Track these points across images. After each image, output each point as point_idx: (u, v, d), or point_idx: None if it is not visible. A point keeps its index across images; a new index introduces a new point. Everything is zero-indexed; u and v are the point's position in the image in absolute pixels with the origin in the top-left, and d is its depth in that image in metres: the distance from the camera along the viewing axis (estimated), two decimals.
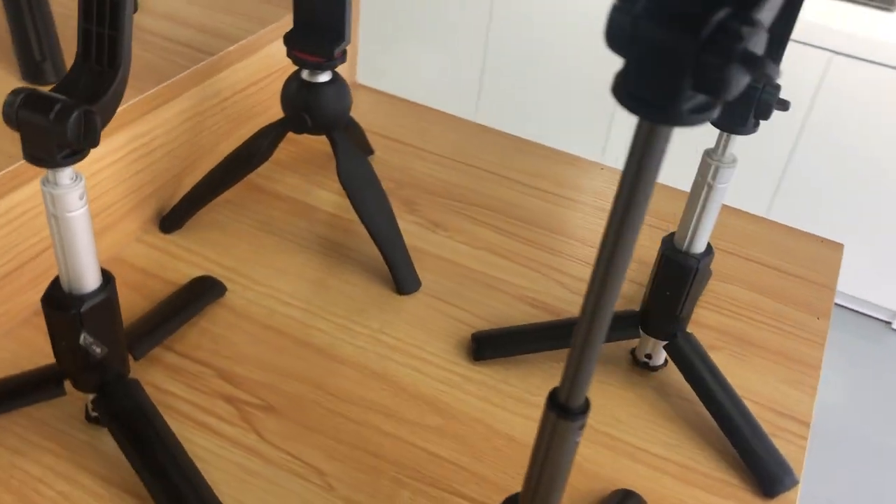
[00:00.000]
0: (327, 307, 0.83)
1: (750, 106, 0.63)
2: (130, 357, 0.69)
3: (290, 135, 0.87)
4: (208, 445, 0.68)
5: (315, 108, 0.82)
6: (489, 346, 0.79)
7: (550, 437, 0.42)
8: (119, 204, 0.84)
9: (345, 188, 0.84)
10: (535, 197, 1.02)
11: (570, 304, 0.87)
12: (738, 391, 0.78)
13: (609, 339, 0.78)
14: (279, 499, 0.65)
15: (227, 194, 0.95)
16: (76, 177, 0.56)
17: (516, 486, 0.68)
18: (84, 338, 0.60)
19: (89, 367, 0.63)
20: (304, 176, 1.00)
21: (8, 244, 0.73)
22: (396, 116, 1.14)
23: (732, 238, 1.00)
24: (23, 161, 0.55)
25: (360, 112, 1.13)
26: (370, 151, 1.05)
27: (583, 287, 0.88)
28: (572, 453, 0.43)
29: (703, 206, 0.70)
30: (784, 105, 0.63)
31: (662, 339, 0.77)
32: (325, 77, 0.82)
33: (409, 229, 0.94)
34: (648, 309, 0.76)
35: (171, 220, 0.89)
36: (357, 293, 0.85)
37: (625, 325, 0.78)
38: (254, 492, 0.65)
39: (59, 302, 0.59)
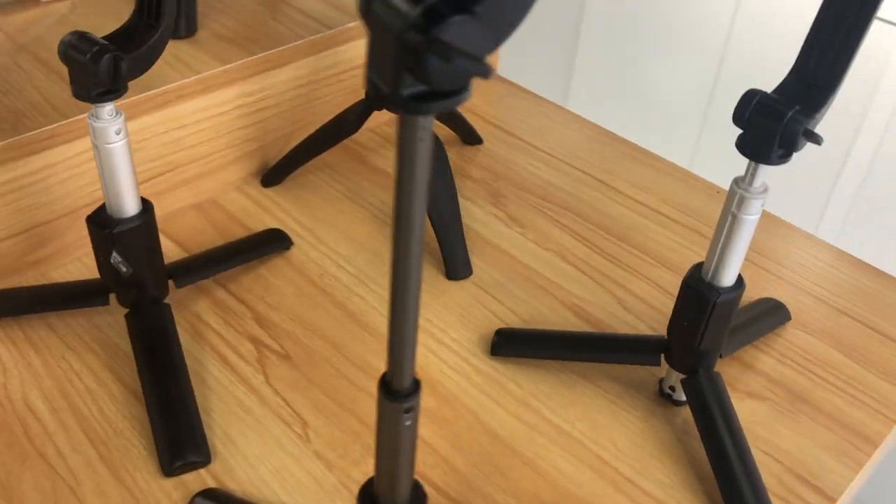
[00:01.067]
0: (375, 277, 0.87)
1: (773, 134, 0.58)
2: (174, 284, 0.78)
3: None
4: (219, 377, 0.75)
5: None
6: (508, 343, 0.79)
7: (381, 419, 0.43)
8: (221, 153, 0.94)
9: None
10: (628, 208, 0.99)
11: (618, 321, 0.84)
12: (765, 447, 0.71)
13: (630, 362, 0.76)
14: (259, 436, 0.71)
15: (331, 160, 1.02)
16: (115, 113, 0.64)
17: (482, 483, 0.68)
18: (114, 256, 0.69)
19: (121, 284, 0.72)
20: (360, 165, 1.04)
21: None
22: (520, 110, 1.15)
23: (821, 280, 0.90)
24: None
25: (487, 101, 1.15)
26: (478, 140, 1.07)
27: (640, 307, 0.85)
28: (405, 437, 0.44)
29: (728, 237, 0.64)
30: (813, 138, 0.57)
31: (682, 372, 0.72)
32: None
33: (485, 220, 0.95)
34: (669, 337, 0.72)
35: (271, 175, 0.97)
36: None
37: (648, 349, 0.75)
38: (239, 426, 0.71)
39: (98, 221, 0.68)
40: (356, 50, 1.01)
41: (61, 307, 0.78)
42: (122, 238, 0.68)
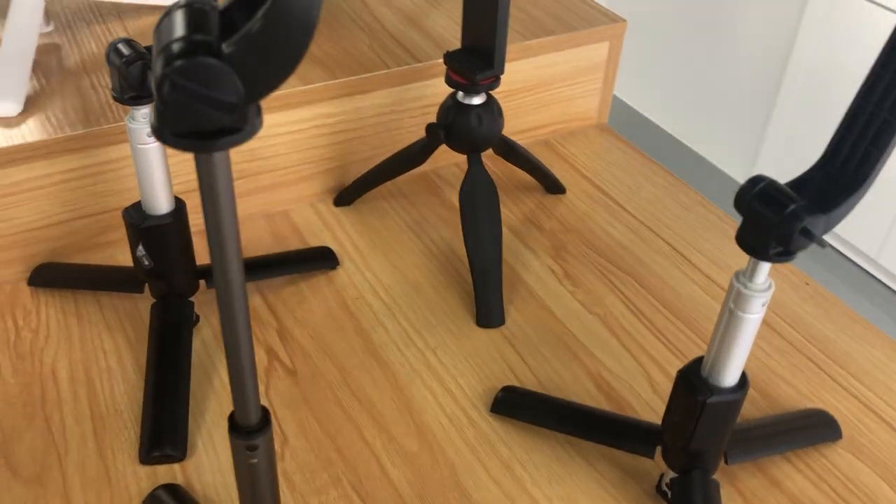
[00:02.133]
0: (405, 310, 0.86)
1: (769, 227, 0.51)
2: (206, 285, 0.82)
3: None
4: (224, 380, 0.78)
5: (454, 126, 0.85)
6: (511, 403, 0.76)
7: (233, 455, 0.43)
8: (296, 168, 0.97)
9: (460, 207, 0.86)
10: (699, 286, 0.91)
11: (642, 404, 0.78)
12: None
13: (622, 448, 0.70)
14: None
15: (406, 189, 1.03)
16: (148, 116, 0.69)
17: None
18: (139, 249, 0.74)
19: (148, 276, 0.76)
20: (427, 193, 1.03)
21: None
22: (619, 166, 1.10)
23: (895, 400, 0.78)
24: None
25: (588, 152, 1.12)
26: (560, 190, 1.04)
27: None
28: (252, 475, 0.43)
29: (726, 334, 0.58)
30: (812, 238, 0.50)
31: (674, 471, 0.66)
32: (473, 100, 0.85)
33: (538, 272, 0.92)
34: (662, 429, 0.66)
35: (343, 196, 1.00)
36: (440, 308, 0.87)
37: (642, 438, 0.68)
38: (224, 430, 0.73)
39: (130, 216, 0.73)
40: (443, 86, 1.02)
41: (104, 288, 0.84)
42: (149, 234, 0.73)
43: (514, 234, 0.98)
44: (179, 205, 0.75)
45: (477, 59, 0.83)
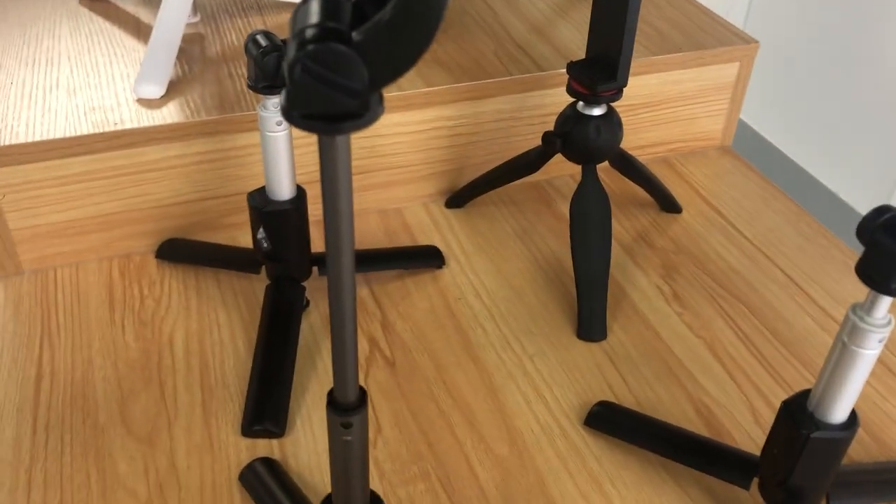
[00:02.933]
0: (506, 315, 0.87)
1: (892, 262, 0.49)
2: (318, 271, 0.85)
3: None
4: (327, 363, 0.81)
5: (571, 135, 0.85)
6: (606, 417, 0.75)
7: (328, 430, 0.44)
8: (414, 168, 0.99)
9: (570, 217, 0.85)
10: (813, 319, 0.88)
11: (743, 434, 0.75)
12: None
13: (715, 475, 0.68)
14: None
15: (518, 196, 1.03)
16: (279, 105, 0.72)
17: None
18: (260, 232, 0.78)
19: (265, 258, 0.80)
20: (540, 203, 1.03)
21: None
22: (739, 189, 1.07)
23: None
24: None
25: (708, 173, 1.09)
26: (676, 209, 1.02)
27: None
28: (345, 452, 0.44)
29: (837, 368, 0.55)
30: None
31: None
32: (593, 111, 0.84)
33: (646, 290, 0.91)
34: (761, 461, 0.63)
35: (455, 198, 1.01)
36: (541, 317, 0.87)
37: (738, 467, 0.66)
38: (323, 412, 0.76)
39: (254, 199, 0.77)
40: (564, 96, 1.02)
41: (223, 266, 0.88)
42: (269, 218, 0.76)
43: (625, 250, 0.97)
44: (300, 192, 0.78)
45: (600, 69, 0.83)
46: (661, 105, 1.07)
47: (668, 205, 1.02)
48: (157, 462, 0.71)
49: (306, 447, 0.73)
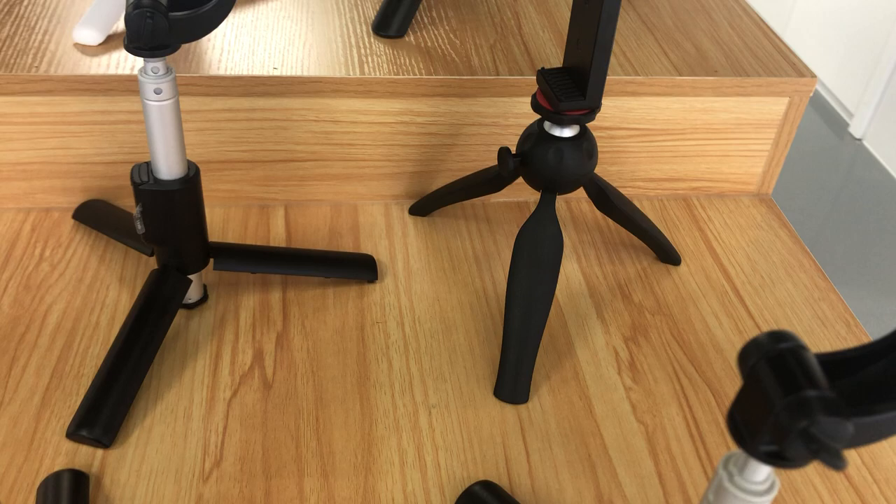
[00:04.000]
0: (422, 352, 0.74)
1: (763, 415, 0.34)
2: (214, 265, 0.74)
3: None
4: (196, 372, 0.71)
5: (528, 156, 0.71)
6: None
7: None
8: (373, 162, 0.87)
9: (513, 251, 0.72)
10: None
11: None
12: None
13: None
14: (169, 452, 0.65)
15: (493, 213, 0.90)
16: (162, 71, 0.62)
17: None
18: (136, 211, 0.68)
19: (146, 241, 0.70)
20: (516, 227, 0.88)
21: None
22: (762, 248, 0.89)
23: None
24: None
25: (731, 223, 0.92)
26: (673, 260, 0.85)
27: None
28: None
29: None
30: (818, 448, 0.32)
31: None
32: (559, 131, 0.70)
33: (599, 352, 0.76)
34: None
35: (418, 206, 0.89)
36: (463, 362, 0.73)
37: None
38: (166, 430, 0.66)
39: (136, 173, 0.67)
40: None
41: (121, 240, 0.80)
42: (143, 196, 0.67)
43: (593, 297, 0.82)
44: (193, 172, 0.68)
45: (571, 84, 0.68)
46: (684, 134, 0.91)
47: (663, 253, 0.86)
48: None
49: (130, 467, 0.63)
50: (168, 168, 0.67)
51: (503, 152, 0.73)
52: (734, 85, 0.88)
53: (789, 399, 0.34)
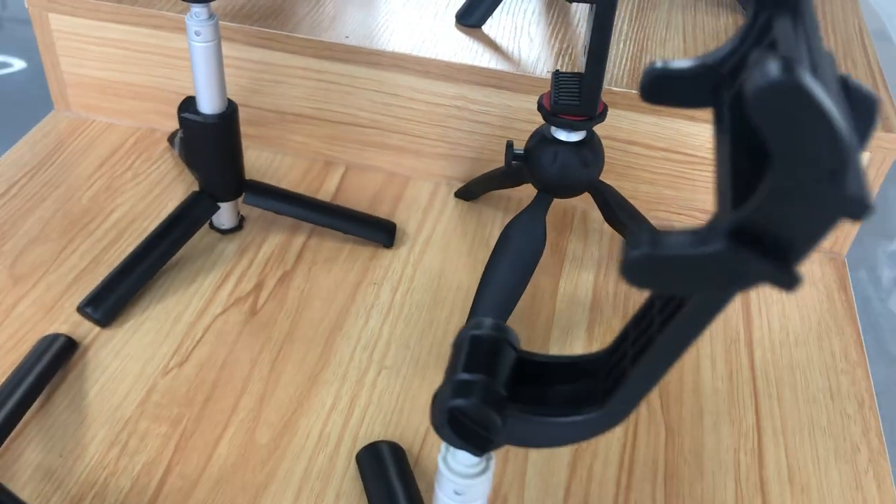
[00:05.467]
0: (400, 320, 0.78)
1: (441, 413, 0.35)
2: (244, 199, 0.83)
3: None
4: (204, 286, 0.80)
5: (528, 155, 0.72)
6: (372, 460, 0.64)
7: None
8: (426, 140, 0.92)
9: (499, 237, 0.73)
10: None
11: None
12: None
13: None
14: (151, 339, 0.74)
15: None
16: (204, 16, 0.71)
17: None
18: (178, 136, 0.78)
19: (186, 164, 0.80)
20: (554, 228, 0.87)
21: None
22: (804, 307, 0.83)
23: None
24: None
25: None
26: None
27: None
28: None
29: None
30: (476, 446, 0.33)
31: None
32: (561, 134, 0.70)
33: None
34: None
35: (462, 190, 0.92)
36: (433, 340, 0.76)
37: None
38: (154, 323, 0.76)
39: (183, 105, 0.77)
40: (620, 117, 0.86)
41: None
42: (183, 124, 0.76)
43: (592, 310, 0.80)
44: (229, 109, 0.76)
45: (578, 89, 0.69)
46: None
47: None
48: (12, 296, 0.77)
49: (113, 347, 0.74)
50: (205, 102, 0.76)
51: (508, 146, 0.74)
52: None
53: (450, 377, 0.35)
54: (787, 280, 0.25)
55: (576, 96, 0.68)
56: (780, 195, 0.23)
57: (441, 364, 0.74)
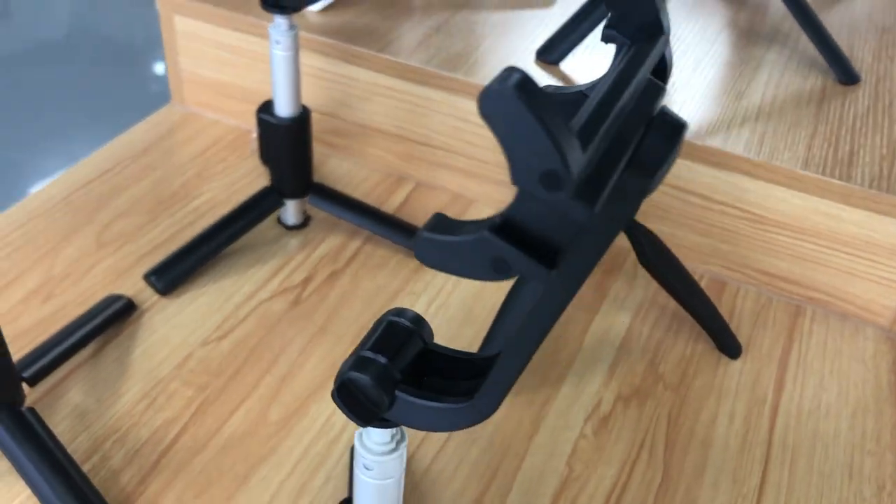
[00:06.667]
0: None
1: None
2: (309, 201, 0.89)
3: None
4: (261, 271, 0.86)
5: None
6: None
7: None
8: (489, 166, 0.95)
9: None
10: None
11: None
12: None
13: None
14: (206, 302, 0.81)
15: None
16: (285, 27, 0.78)
17: None
18: (254, 131, 0.85)
19: (260, 159, 0.87)
20: (603, 268, 0.87)
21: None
22: (849, 386, 0.80)
23: None
24: None
25: (830, 351, 0.83)
26: (730, 352, 0.80)
27: None
28: None
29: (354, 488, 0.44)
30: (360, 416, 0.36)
31: None
32: None
33: (584, 395, 0.76)
34: None
35: None
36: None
37: None
38: (208, 297, 0.82)
39: (261, 107, 0.84)
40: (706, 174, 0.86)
41: None
42: (261, 122, 0.84)
43: (620, 349, 0.81)
44: (302, 114, 0.83)
45: None
46: (804, 235, 0.84)
47: (717, 340, 0.81)
48: (94, 258, 0.86)
49: (166, 315, 0.81)
50: (281, 106, 0.83)
51: None
52: (866, 197, 0.79)
53: (357, 351, 0.38)
54: (540, 275, 0.27)
55: None
56: (523, 198, 0.26)
57: None
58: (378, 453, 0.43)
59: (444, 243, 0.29)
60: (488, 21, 1.04)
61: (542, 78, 0.93)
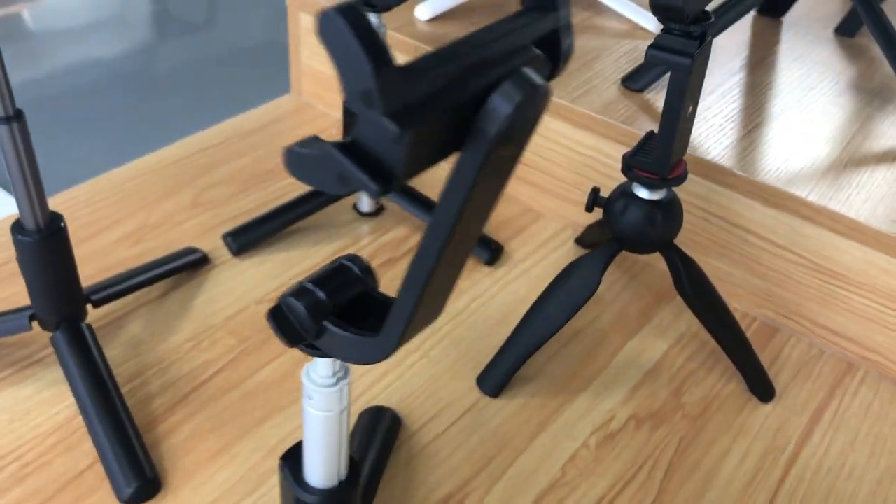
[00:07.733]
0: (465, 321, 0.84)
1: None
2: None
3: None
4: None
5: (607, 203, 0.75)
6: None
7: None
8: (562, 184, 0.98)
9: (561, 270, 0.77)
10: None
11: None
12: None
13: None
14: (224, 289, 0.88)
15: (647, 267, 0.93)
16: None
17: None
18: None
19: None
20: (654, 295, 0.86)
21: None
22: (875, 448, 0.75)
23: None
24: None
25: (875, 414, 0.79)
26: (762, 395, 0.78)
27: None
28: None
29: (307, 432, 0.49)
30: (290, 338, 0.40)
31: None
32: (640, 190, 0.73)
33: (596, 410, 0.76)
34: None
35: (580, 238, 0.96)
36: (477, 341, 0.82)
37: None
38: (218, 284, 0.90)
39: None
40: (755, 208, 0.85)
41: None
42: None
43: (647, 375, 0.81)
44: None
45: (654, 145, 0.71)
46: (861, 289, 0.81)
47: (749, 379, 0.79)
48: (186, 215, 0.96)
49: (232, 273, 0.89)
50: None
51: (592, 190, 0.78)
52: None
53: (303, 280, 0.43)
54: (373, 189, 0.31)
55: (650, 152, 0.71)
56: (360, 119, 0.30)
57: (476, 372, 0.80)
58: (320, 385, 0.47)
59: (301, 155, 0.34)
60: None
61: (622, 103, 0.95)
